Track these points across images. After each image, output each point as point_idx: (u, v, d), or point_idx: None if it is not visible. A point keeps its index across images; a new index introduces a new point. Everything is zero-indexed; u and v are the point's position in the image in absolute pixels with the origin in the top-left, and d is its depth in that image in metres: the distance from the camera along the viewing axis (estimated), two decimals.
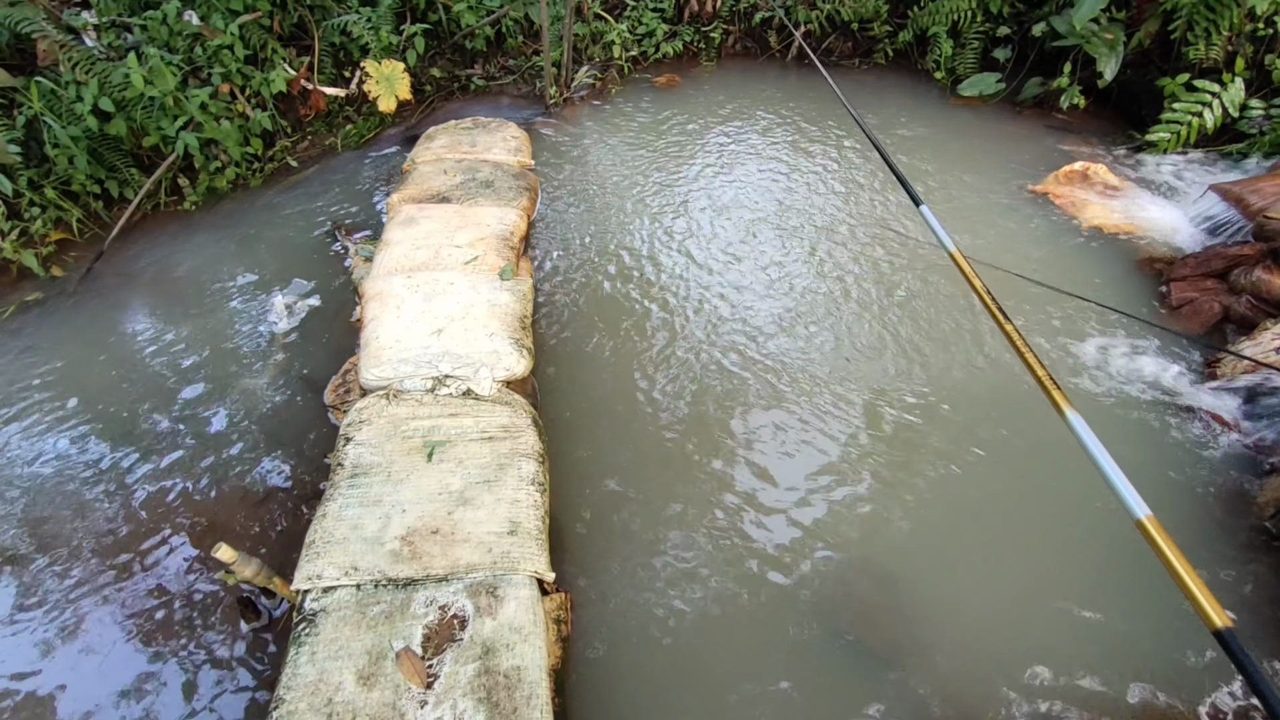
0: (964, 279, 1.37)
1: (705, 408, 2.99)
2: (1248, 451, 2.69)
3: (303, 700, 1.83)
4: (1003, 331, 1.27)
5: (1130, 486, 0.95)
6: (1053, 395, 1.11)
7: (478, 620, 2.01)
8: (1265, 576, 2.33)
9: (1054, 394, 1.11)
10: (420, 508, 2.30)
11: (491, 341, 2.89)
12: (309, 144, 4.95)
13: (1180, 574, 0.86)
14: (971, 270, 1.40)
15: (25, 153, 3.89)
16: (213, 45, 4.29)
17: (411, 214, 3.70)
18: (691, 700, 2.13)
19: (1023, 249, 3.76)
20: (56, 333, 3.52)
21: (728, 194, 4.31)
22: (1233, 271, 3.29)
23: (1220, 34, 4.12)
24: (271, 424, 3.01)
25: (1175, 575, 0.86)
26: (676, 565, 2.45)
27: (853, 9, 5.56)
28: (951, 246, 1.48)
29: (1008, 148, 4.63)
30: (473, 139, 4.52)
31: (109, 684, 2.22)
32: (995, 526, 2.54)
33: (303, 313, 3.54)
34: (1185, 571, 0.86)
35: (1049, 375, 1.14)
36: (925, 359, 3.15)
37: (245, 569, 2.03)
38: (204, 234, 4.18)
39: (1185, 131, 4.14)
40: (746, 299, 3.52)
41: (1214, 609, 0.82)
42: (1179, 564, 0.86)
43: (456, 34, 5.50)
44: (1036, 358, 1.18)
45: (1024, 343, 1.21)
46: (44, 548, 2.58)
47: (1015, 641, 2.22)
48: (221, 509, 2.69)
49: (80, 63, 3.96)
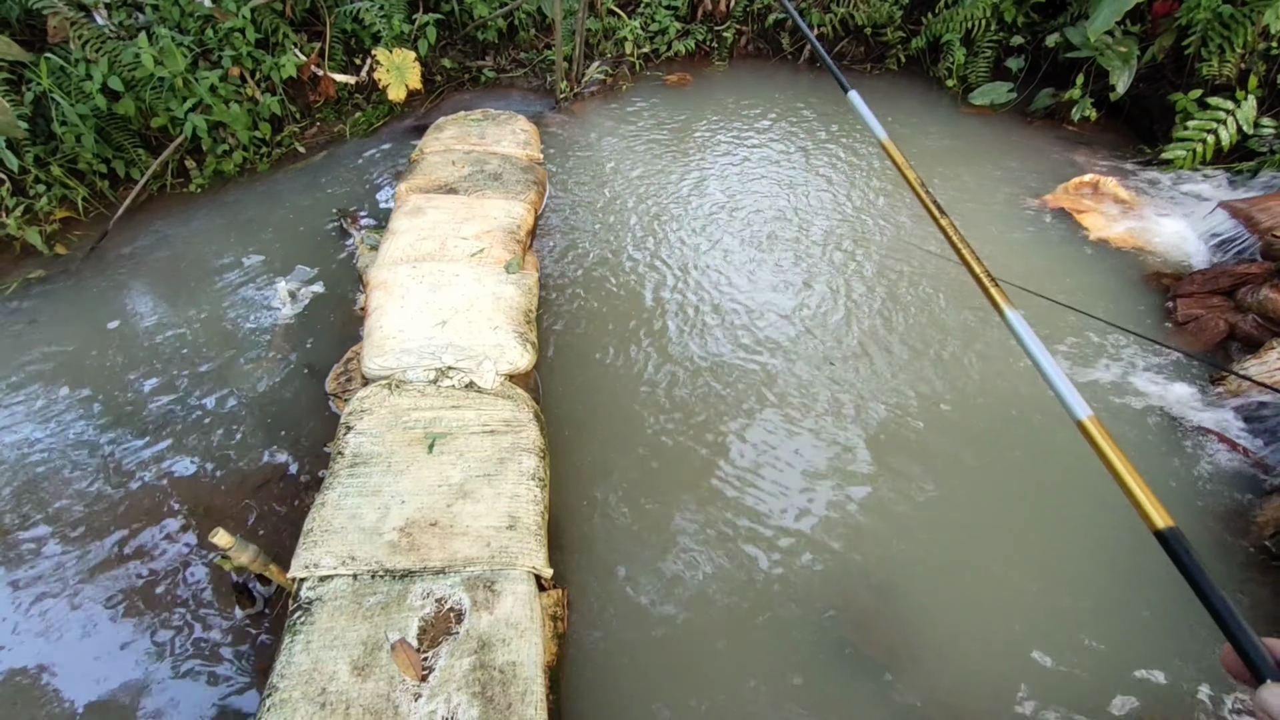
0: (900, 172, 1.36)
1: (708, 407, 2.98)
2: (1249, 470, 2.69)
3: (296, 689, 1.83)
4: (938, 226, 1.25)
5: (1071, 387, 0.92)
6: (991, 293, 1.08)
7: (474, 614, 2.00)
8: (1264, 596, 2.32)
9: (992, 292, 1.08)
10: (419, 499, 2.29)
11: (495, 334, 2.88)
12: (317, 130, 4.94)
13: (1121, 473, 0.84)
14: (904, 161, 1.39)
15: (33, 129, 3.88)
16: (224, 28, 4.27)
17: (419, 204, 3.68)
18: (686, 700, 2.12)
19: (1029, 259, 3.75)
20: (59, 311, 3.51)
21: (736, 193, 4.30)
22: (1240, 289, 3.28)
23: (1234, 51, 4.10)
24: (272, 410, 3.00)
25: (1116, 475, 0.84)
26: (675, 565, 2.44)
27: (866, 14, 5.54)
28: (883, 135, 1.48)
29: (1018, 158, 4.62)
30: (482, 131, 4.51)
31: (100, 666, 2.21)
32: (994, 535, 2.54)
33: (306, 299, 3.53)
34: (1126, 471, 0.84)
35: (987, 272, 1.11)
36: (926, 367, 3.14)
37: (242, 555, 2.02)
38: (209, 217, 4.17)
39: (1200, 149, 4.13)
40: (754, 298, 3.51)
41: (1156, 509, 0.81)
42: (1120, 463, 0.85)
43: (468, 25, 5.48)
44: (974, 254, 1.16)
45: (961, 239, 1.19)
46: (39, 527, 2.57)
47: (1012, 650, 2.21)
48: (219, 494, 2.69)
49: (91, 41, 3.94)
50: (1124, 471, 0.85)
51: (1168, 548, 0.79)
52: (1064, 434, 2.83)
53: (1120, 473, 0.85)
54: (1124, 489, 0.84)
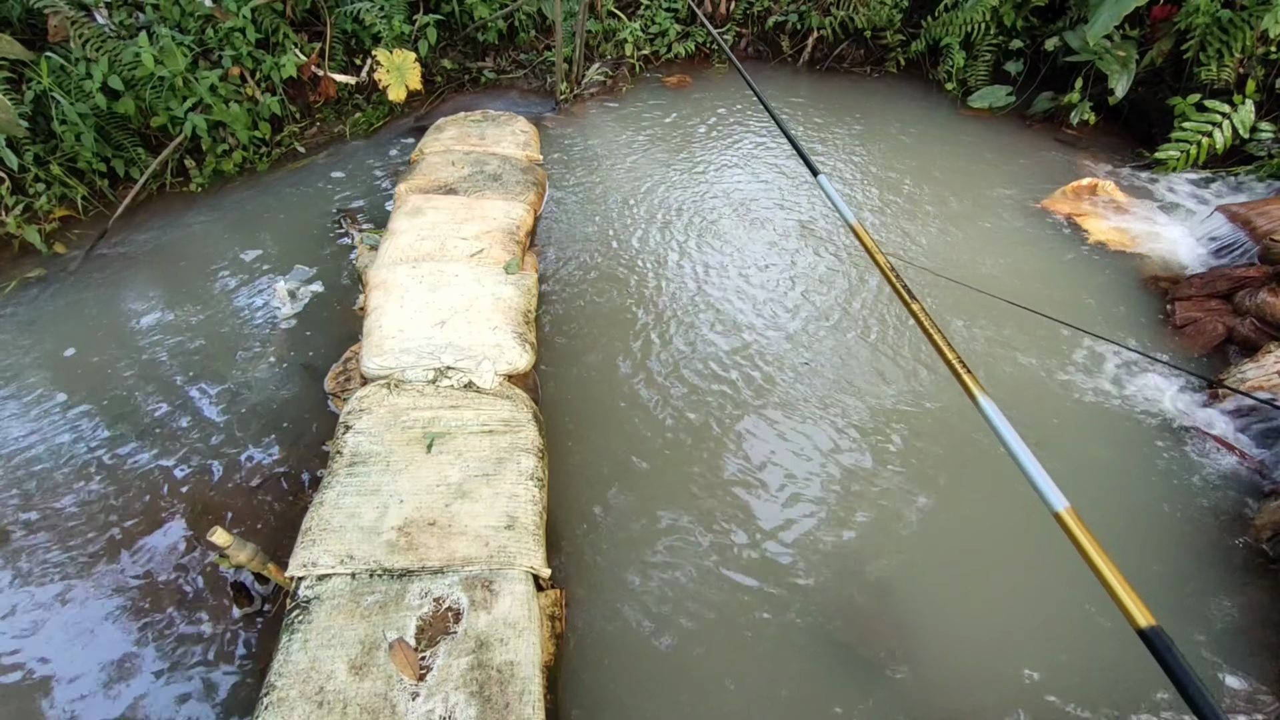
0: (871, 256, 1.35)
1: (707, 410, 2.98)
2: (1246, 473, 2.69)
3: (294, 688, 1.82)
4: (909, 311, 1.24)
5: (1048, 478, 0.91)
6: (964, 380, 1.07)
7: (472, 614, 2.00)
8: (1261, 599, 2.32)
9: (965, 379, 1.07)
10: (418, 499, 2.29)
11: (495, 335, 2.89)
12: (317, 130, 4.94)
13: (1102, 570, 0.82)
14: (873, 245, 1.38)
15: (33, 128, 3.88)
16: (224, 27, 4.27)
17: (418, 204, 3.68)
18: (683, 700, 2.12)
19: (1027, 262, 3.75)
20: (57, 310, 3.51)
21: (735, 195, 4.30)
22: (1238, 293, 3.29)
23: (1232, 56, 4.12)
24: (270, 409, 3.00)
25: (1097, 571, 0.83)
26: (673, 566, 2.44)
27: (866, 16, 5.56)
28: (852, 220, 1.45)
29: (1016, 161, 4.63)
30: (482, 131, 4.51)
31: (98, 665, 2.20)
32: (992, 536, 2.54)
33: (305, 299, 3.53)
34: (1107, 568, 0.82)
35: (959, 359, 1.10)
36: (927, 370, 3.14)
37: (240, 553, 2.02)
38: (209, 217, 4.17)
39: (1195, 151, 4.14)
40: (752, 300, 3.51)
41: (1138, 608, 0.79)
42: (1100, 560, 0.83)
43: (469, 26, 5.49)
44: (946, 340, 1.14)
45: (932, 324, 1.18)
46: (36, 527, 2.57)
47: (1010, 651, 2.21)
48: (217, 493, 2.68)
49: (91, 40, 3.94)
50: (1104, 568, 0.83)
51: (1151, 647, 0.78)
52: (1065, 435, 2.84)
53: (1100, 569, 0.83)
54: (1105, 586, 0.82)
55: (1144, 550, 2.45)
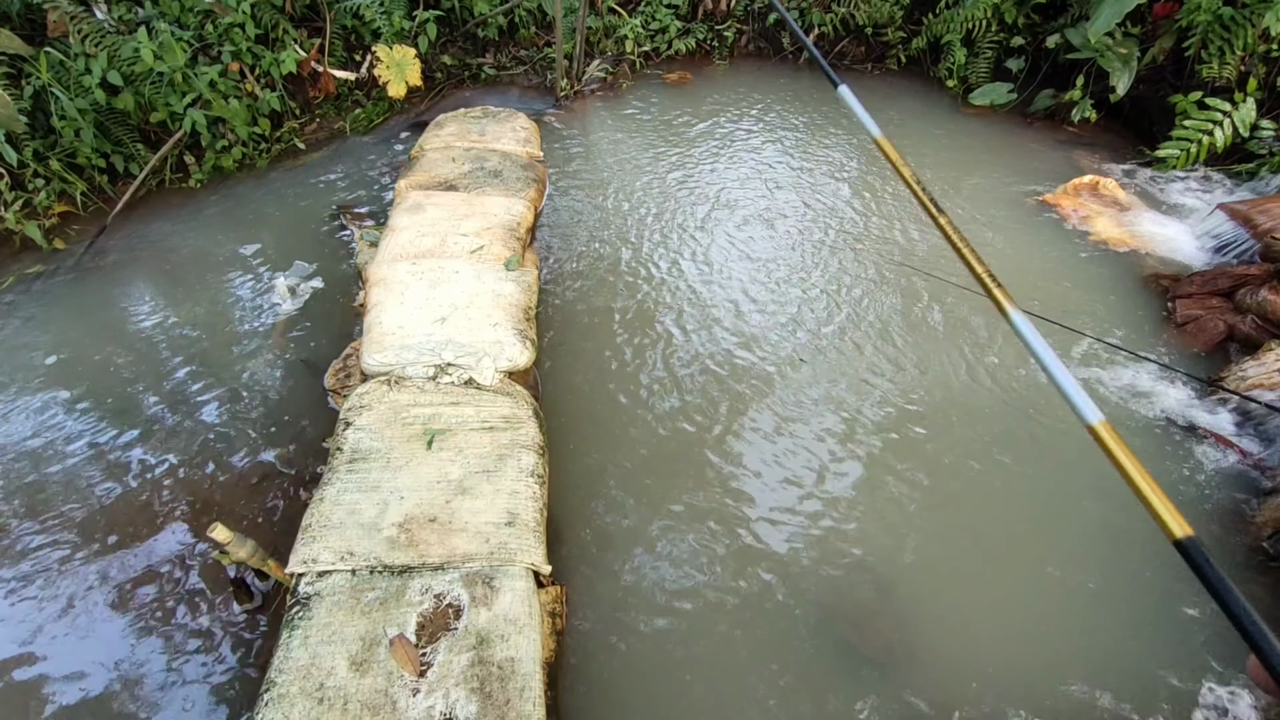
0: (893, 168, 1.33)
1: (708, 405, 2.98)
2: (1247, 471, 2.69)
3: (294, 684, 1.82)
4: (936, 225, 1.21)
5: (1082, 392, 0.90)
6: (994, 294, 1.05)
7: (473, 610, 2.00)
8: (1261, 596, 2.32)
9: (995, 293, 1.05)
10: (418, 495, 2.29)
11: (495, 331, 2.88)
12: (317, 126, 4.93)
13: (1137, 482, 0.82)
14: (899, 158, 1.36)
15: (32, 123, 3.87)
16: (224, 23, 4.26)
17: (418, 200, 3.68)
18: (683, 697, 2.12)
19: (1028, 260, 3.75)
20: (56, 306, 3.50)
21: (735, 192, 4.30)
22: (1239, 291, 3.29)
23: (1234, 53, 4.11)
24: (270, 406, 2.99)
25: (1132, 483, 0.82)
26: (672, 562, 2.44)
27: (867, 13, 5.55)
28: (876, 131, 1.43)
29: (1017, 158, 4.63)
30: (482, 128, 4.50)
31: (97, 661, 2.20)
32: (994, 536, 2.54)
33: (305, 295, 3.52)
34: (1143, 479, 0.82)
35: (989, 272, 1.08)
36: (929, 370, 3.14)
37: (240, 550, 2.02)
38: (208, 213, 4.16)
39: (1195, 149, 4.13)
40: (750, 297, 3.50)
41: (1175, 518, 0.79)
42: (1135, 471, 0.83)
43: (469, 22, 5.47)
44: (975, 253, 1.12)
45: (960, 237, 1.15)
46: (35, 523, 2.56)
47: (1010, 650, 2.21)
48: (217, 489, 2.68)
49: (90, 35, 3.93)
50: (1139, 479, 0.82)
51: (1188, 558, 0.77)
52: (1066, 437, 2.84)
53: (1135, 480, 0.82)
54: (1140, 497, 0.81)
55: (1143, 547, 2.45)
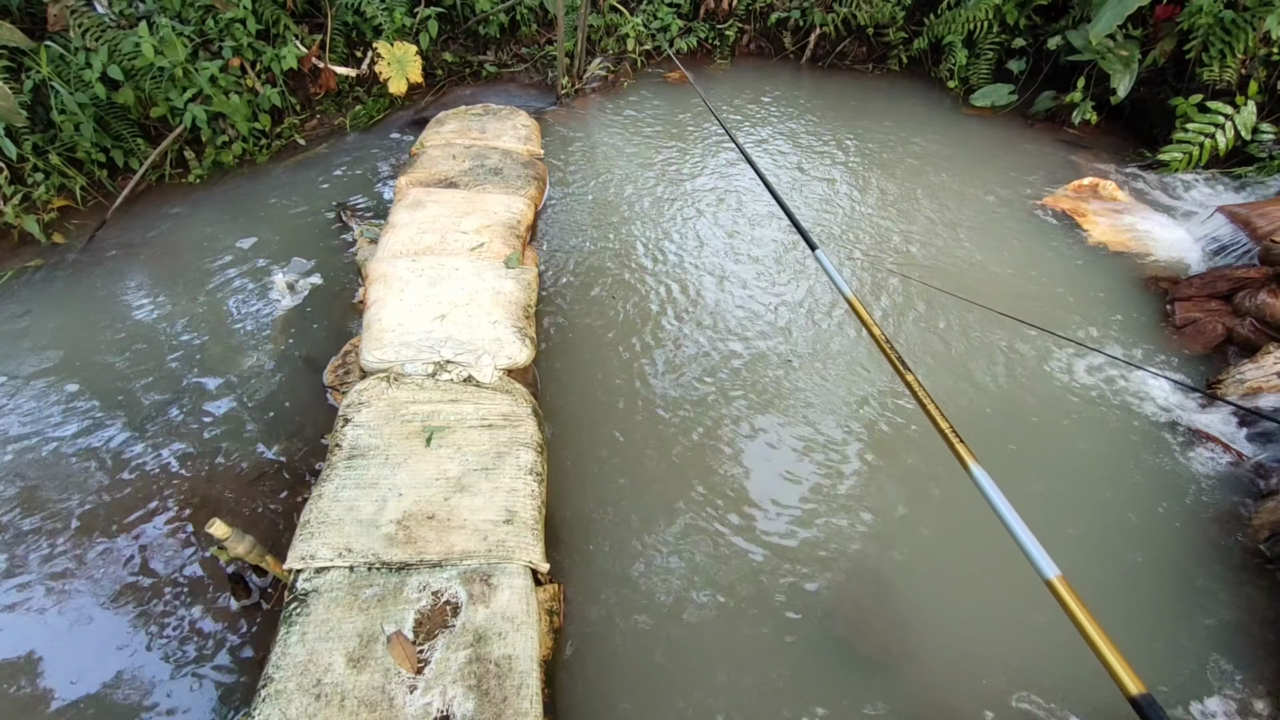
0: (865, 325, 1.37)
1: (707, 403, 2.98)
2: (1244, 474, 2.70)
3: (291, 680, 1.82)
4: (903, 381, 1.25)
5: (1039, 546, 0.92)
6: (957, 450, 1.09)
7: (471, 608, 2.00)
8: (1258, 599, 2.33)
9: (958, 448, 1.09)
10: (417, 492, 2.29)
11: (495, 329, 2.88)
12: (317, 123, 4.92)
13: (1093, 637, 0.84)
14: (869, 319, 1.39)
15: (32, 117, 3.86)
16: (225, 18, 4.25)
17: (419, 197, 3.67)
18: (680, 696, 2.12)
19: (1027, 261, 3.75)
20: (55, 300, 3.50)
21: (734, 191, 4.30)
22: (1238, 294, 3.29)
23: (1235, 56, 4.11)
24: (269, 402, 2.99)
25: (1088, 638, 0.84)
26: (671, 562, 2.44)
27: (869, 14, 5.55)
28: (849, 293, 1.47)
29: (1018, 160, 4.63)
30: (482, 125, 4.50)
31: (95, 656, 2.20)
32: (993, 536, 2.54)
33: (304, 291, 3.52)
34: (1097, 635, 0.84)
35: (952, 429, 1.13)
36: (932, 368, 3.14)
37: (238, 546, 2.02)
38: (208, 208, 4.15)
39: (1197, 152, 4.14)
40: (749, 296, 3.51)
41: (1128, 675, 0.80)
42: (1090, 627, 0.84)
43: (470, 19, 5.47)
44: (939, 409, 1.17)
45: (926, 394, 1.20)
46: (34, 518, 2.56)
47: (1009, 650, 2.22)
48: (216, 485, 2.68)
49: (91, 29, 3.92)
50: (1095, 636, 0.84)
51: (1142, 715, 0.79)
52: (1066, 438, 2.84)
53: (1092, 637, 0.84)
54: (1096, 653, 0.83)
55: (1141, 550, 2.45)
